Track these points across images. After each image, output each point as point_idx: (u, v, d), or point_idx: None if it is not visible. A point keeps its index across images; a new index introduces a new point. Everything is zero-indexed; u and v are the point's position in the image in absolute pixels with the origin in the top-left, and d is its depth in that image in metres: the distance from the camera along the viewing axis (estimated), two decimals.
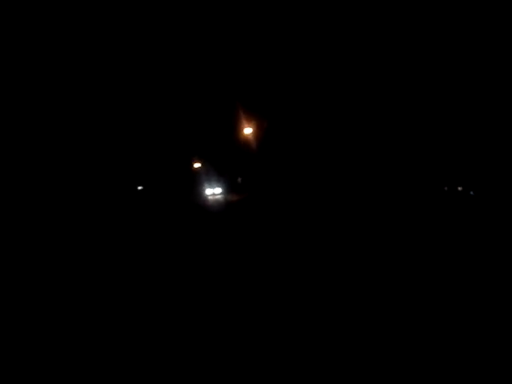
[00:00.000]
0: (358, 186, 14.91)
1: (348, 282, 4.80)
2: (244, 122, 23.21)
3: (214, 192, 29.19)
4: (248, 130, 23.53)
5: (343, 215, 9.06)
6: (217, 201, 23.36)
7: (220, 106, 24.67)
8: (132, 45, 19.94)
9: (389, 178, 14.12)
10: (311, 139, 19.97)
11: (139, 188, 30.08)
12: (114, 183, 27.12)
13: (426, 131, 14.67)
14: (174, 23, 18.51)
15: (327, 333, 3.35)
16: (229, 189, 29.33)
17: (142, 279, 6.19)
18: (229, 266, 5.90)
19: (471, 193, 13.17)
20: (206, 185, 30.32)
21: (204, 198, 28.44)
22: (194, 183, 29.44)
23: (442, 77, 13.91)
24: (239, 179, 28.78)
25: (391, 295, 4.21)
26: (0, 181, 13.34)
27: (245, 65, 20.43)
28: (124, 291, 5.69)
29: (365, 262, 5.75)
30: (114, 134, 25.81)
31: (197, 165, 29.50)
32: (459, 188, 13.88)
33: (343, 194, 13.36)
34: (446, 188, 14.20)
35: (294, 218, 9.27)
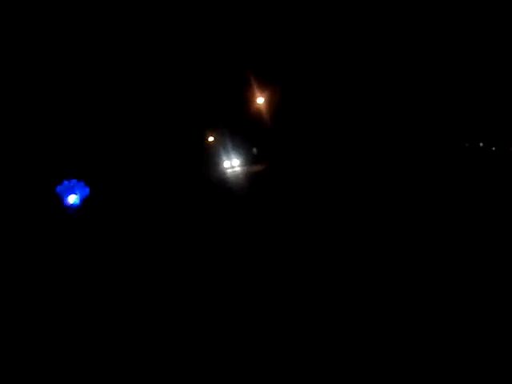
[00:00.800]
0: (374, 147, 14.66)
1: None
2: (256, 92, 22.84)
3: (232, 164, 28.94)
4: (260, 100, 23.16)
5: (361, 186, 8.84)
6: (236, 174, 23.07)
7: (232, 76, 24.34)
8: (141, 21, 19.69)
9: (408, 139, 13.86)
10: (324, 109, 19.60)
11: (152, 166, 30.25)
12: (127, 158, 27.28)
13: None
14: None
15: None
16: (246, 160, 29.10)
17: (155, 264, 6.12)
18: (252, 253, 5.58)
19: (493, 148, 12.86)
20: (222, 157, 30.01)
21: (222, 172, 28.12)
22: (209, 157, 29.31)
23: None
24: (254, 150, 28.54)
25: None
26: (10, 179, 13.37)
27: (256, 33, 19.97)
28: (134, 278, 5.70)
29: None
30: (127, 106, 25.79)
31: (210, 138, 29.35)
32: (480, 144, 13.59)
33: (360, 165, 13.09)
34: (467, 144, 13.92)
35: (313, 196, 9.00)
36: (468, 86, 13.90)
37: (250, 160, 28.59)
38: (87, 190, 12.42)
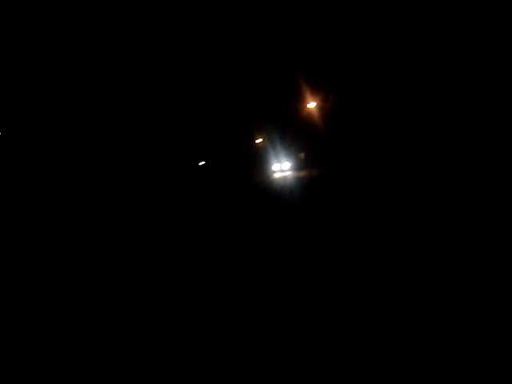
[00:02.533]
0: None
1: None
2: (308, 96, 22.18)
3: (281, 167, 28.08)
4: (312, 104, 22.46)
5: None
6: (287, 178, 22.29)
7: (283, 79, 23.81)
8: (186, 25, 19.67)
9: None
10: (376, 118, 18.61)
11: (201, 163, 30.30)
12: (176, 158, 27.60)
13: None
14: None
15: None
16: (296, 164, 28.19)
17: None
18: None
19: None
20: (272, 160, 29.13)
21: (271, 175, 27.39)
22: (257, 159, 28.79)
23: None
24: (302, 154, 27.71)
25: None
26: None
27: (308, 37, 19.35)
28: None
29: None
30: (179, 107, 26.07)
31: (259, 139, 28.88)
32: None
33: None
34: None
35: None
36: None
37: (298, 164, 27.76)
38: None
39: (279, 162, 28.97)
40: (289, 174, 25.84)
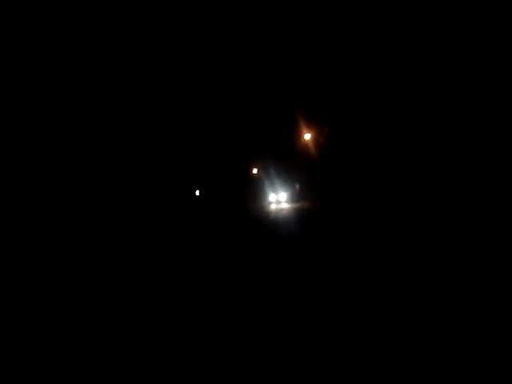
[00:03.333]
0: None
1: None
2: (304, 128, 22.49)
3: (278, 199, 27.95)
4: (307, 136, 22.74)
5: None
6: (284, 209, 22.08)
7: (279, 111, 24.20)
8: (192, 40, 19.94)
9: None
10: (373, 146, 18.79)
11: (197, 193, 30.26)
12: (172, 187, 27.54)
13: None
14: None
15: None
16: (292, 195, 28.20)
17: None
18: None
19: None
20: (267, 190, 29.09)
21: (267, 206, 27.19)
22: (252, 189, 28.91)
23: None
24: (297, 186, 27.84)
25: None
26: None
27: (303, 69, 19.76)
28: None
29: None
30: (172, 135, 26.21)
31: (255, 170, 29.06)
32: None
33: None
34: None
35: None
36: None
37: (294, 196, 27.80)
38: None
39: (275, 192, 29.00)
40: (286, 205, 25.82)
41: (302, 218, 16.38)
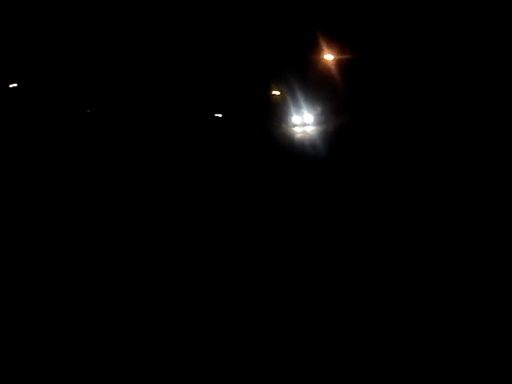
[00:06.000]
0: None
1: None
2: (325, 48, 20.65)
3: (304, 120, 26.17)
4: (329, 57, 20.97)
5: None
6: (308, 132, 20.89)
7: (300, 30, 22.10)
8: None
9: None
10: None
11: (217, 115, 29.27)
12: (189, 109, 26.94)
13: None
14: None
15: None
16: (320, 116, 26.30)
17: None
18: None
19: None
20: (291, 112, 27.21)
21: (291, 130, 25.76)
22: (275, 110, 27.35)
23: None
24: (318, 108, 26.10)
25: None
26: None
27: None
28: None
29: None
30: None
31: (276, 92, 27.30)
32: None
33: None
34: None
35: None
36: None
37: (322, 117, 26.02)
38: None
39: (300, 114, 27.32)
40: (311, 127, 24.53)
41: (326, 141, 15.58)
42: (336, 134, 17.66)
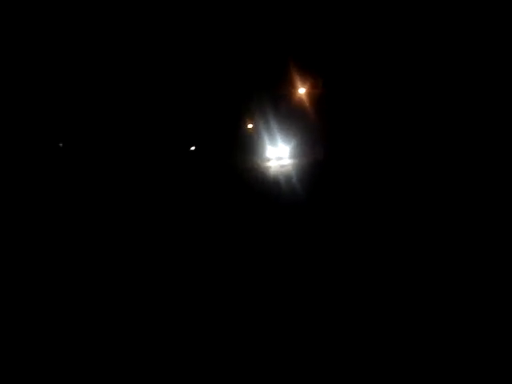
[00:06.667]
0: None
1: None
2: (297, 81, 20.72)
3: (278, 154, 25.70)
4: (302, 90, 21.00)
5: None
6: (287, 167, 20.42)
7: (271, 62, 22.19)
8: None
9: None
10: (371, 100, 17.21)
11: (192, 149, 28.79)
12: (164, 143, 26.49)
13: None
14: None
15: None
16: (295, 150, 25.81)
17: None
18: None
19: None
20: (265, 144, 26.84)
21: (265, 163, 25.27)
22: (249, 144, 27.02)
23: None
24: (293, 141, 25.84)
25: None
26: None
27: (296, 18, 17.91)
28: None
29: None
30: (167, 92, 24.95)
31: (250, 125, 27.10)
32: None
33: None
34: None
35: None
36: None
37: (298, 150, 25.60)
38: None
39: (275, 147, 26.95)
40: (287, 161, 23.95)
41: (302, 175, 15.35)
42: (312, 167, 17.43)
